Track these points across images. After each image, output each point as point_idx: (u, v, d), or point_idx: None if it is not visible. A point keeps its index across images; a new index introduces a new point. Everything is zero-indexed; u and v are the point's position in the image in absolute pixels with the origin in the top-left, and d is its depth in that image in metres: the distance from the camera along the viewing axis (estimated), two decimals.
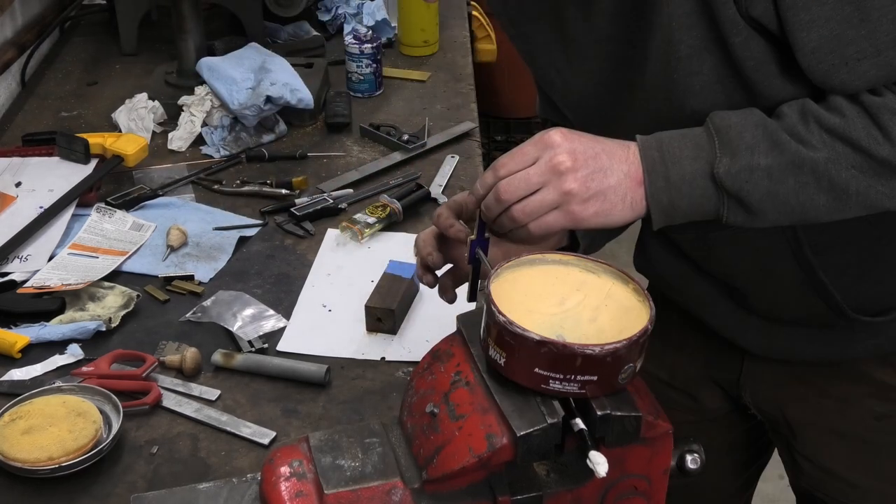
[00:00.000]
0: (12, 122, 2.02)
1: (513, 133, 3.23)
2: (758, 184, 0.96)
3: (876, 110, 0.95)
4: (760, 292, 1.21)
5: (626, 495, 0.93)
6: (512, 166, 0.99)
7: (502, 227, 1.01)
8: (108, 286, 1.48)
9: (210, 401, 1.28)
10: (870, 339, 1.20)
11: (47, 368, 1.33)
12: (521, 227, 0.99)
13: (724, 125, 0.98)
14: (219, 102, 1.91)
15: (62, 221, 1.62)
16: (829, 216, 0.99)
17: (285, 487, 0.90)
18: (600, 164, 0.98)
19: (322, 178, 1.80)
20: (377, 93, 2.14)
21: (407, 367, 1.34)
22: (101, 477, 1.17)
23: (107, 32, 2.43)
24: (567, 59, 1.14)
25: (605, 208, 0.98)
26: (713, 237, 1.17)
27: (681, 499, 1.11)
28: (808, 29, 0.93)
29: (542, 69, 1.20)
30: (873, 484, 1.30)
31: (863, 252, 1.14)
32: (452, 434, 0.88)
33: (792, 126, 0.97)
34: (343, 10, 2.45)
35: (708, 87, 1.01)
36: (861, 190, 0.96)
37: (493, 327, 0.88)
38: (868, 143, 0.95)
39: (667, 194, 0.98)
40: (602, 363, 0.85)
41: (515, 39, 1.22)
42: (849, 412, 1.27)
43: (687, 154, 0.98)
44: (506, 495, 0.89)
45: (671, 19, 0.98)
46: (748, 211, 0.98)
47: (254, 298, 1.46)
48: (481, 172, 1.81)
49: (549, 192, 0.97)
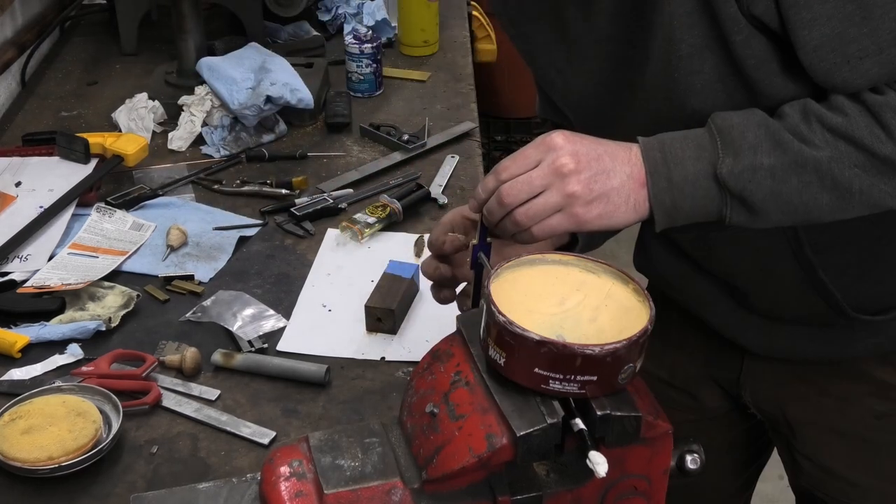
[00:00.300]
0: (12, 121, 2.02)
1: (513, 133, 3.22)
2: (761, 183, 0.96)
3: (878, 109, 0.95)
4: (761, 291, 1.21)
5: (625, 495, 0.93)
6: (514, 170, 0.98)
7: (505, 230, 1.01)
8: (108, 286, 1.48)
9: (210, 401, 1.28)
10: (870, 337, 1.20)
11: (47, 368, 1.33)
12: (524, 230, 0.99)
13: (726, 125, 0.97)
14: (219, 102, 1.91)
15: (62, 221, 1.62)
16: (832, 216, 0.99)
17: (285, 487, 0.90)
18: (603, 166, 0.97)
19: (322, 178, 1.80)
20: (377, 93, 2.15)
21: (407, 367, 1.34)
22: (100, 477, 1.17)
23: (107, 32, 2.43)
24: (567, 59, 1.14)
25: (608, 210, 0.98)
26: (714, 237, 1.17)
27: (680, 498, 1.11)
28: (809, 27, 0.93)
29: (542, 69, 1.20)
30: (873, 483, 1.30)
31: (863, 251, 1.14)
32: (452, 434, 0.88)
33: (794, 126, 0.97)
34: (343, 10, 2.45)
35: (709, 87, 1.01)
36: (864, 189, 0.96)
37: (493, 327, 0.88)
38: (871, 142, 0.95)
39: (669, 195, 0.98)
40: (602, 363, 0.85)
41: (515, 39, 1.22)
42: (849, 411, 1.27)
43: (689, 155, 0.98)
44: (506, 495, 0.89)
45: (672, 18, 0.98)
46: (751, 211, 0.98)
47: (254, 298, 1.46)
48: (481, 172, 1.82)
49: (552, 195, 0.97)
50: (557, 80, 1.18)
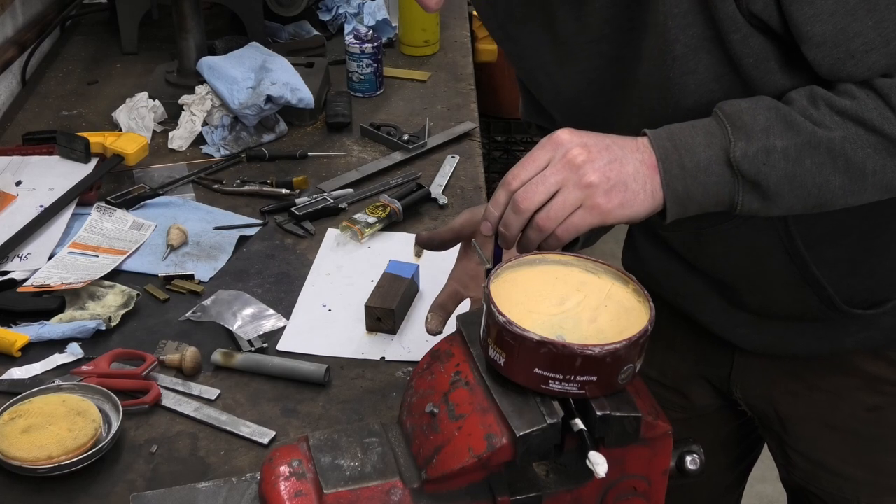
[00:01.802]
0: (13, 120, 2.02)
1: (513, 133, 3.22)
2: (775, 166, 0.95)
3: (888, 91, 0.94)
4: (752, 289, 1.21)
5: (625, 496, 0.93)
6: (525, 175, 0.96)
7: (528, 242, 0.97)
8: (108, 285, 1.48)
9: (210, 400, 1.28)
10: (861, 332, 1.20)
11: (47, 367, 1.33)
12: (548, 235, 0.96)
13: (734, 111, 0.96)
14: (219, 102, 1.91)
15: (62, 220, 1.62)
16: (845, 199, 0.98)
17: (285, 487, 0.90)
18: (614, 154, 0.96)
19: (322, 177, 1.80)
20: (378, 92, 2.14)
21: (407, 367, 1.34)
22: (100, 476, 1.17)
23: (107, 31, 2.43)
24: (558, 60, 1.13)
25: (628, 198, 0.95)
26: (705, 235, 1.16)
27: (673, 496, 1.11)
28: (812, 23, 0.93)
29: (530, 71, 1.19)
30: (866, 476, 1.30)
31: (855, 245, 1.14)
32: (452, 434, 0.88)
33: (804, 109, 0.96)
34: (344, 10, 2.45)
35: (704, 86, 1.01)
36: (878, 169, 0.95)
37: (493, 327, 0.88)
38: (882, 124, 0.94)
39: (682, 182, 0.96)
40: (602, 363, 0.85)
41: (503, 42, 1.20)
42: (840, 405, 1.27)
43: (699, 142, 0.96)
44: (505, 495, 0.89)
45: (667, 18, 0.98)
46: (764, 197, 0.96)
47: (254, 298, 1.46)
48: (481, 172, 1.82)
49: (570, 191, 0.94)
50: (546, 81, 1.17)
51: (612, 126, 1.01)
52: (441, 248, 1.24)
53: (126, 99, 1.98)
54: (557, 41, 1.11)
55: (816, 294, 1.16)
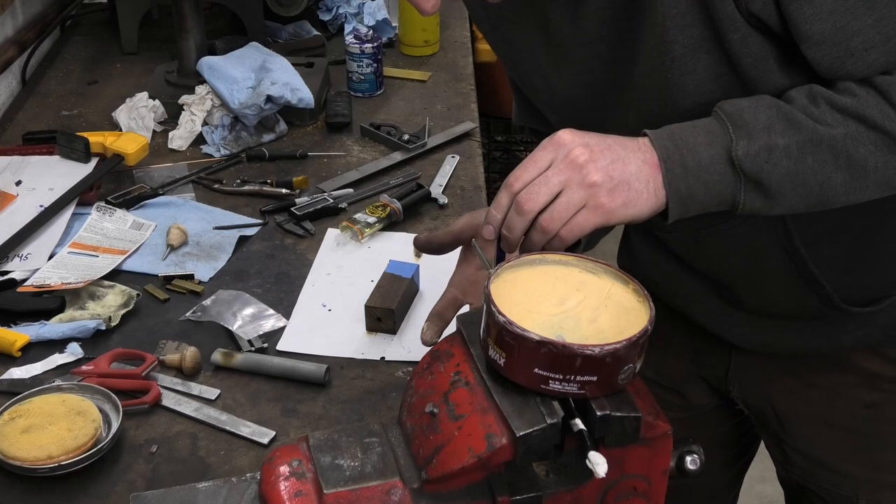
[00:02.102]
0: (13, 120, 2.02)
1: (513, 133, 3.22)
2: (777, 164, 0.95)
3: (888, 88, 0.94)
4: (750, 288, 1.21)
5: (625, 496, 0.93)
6: (527, 176, 0.96)
7: (532, 243, 0.97)
8: (108, 285, 1.48)
9: (210, 400, 1.28)
10: (859, 329, 1.20)
11: (47, 367, 1.33)
12: (552, 236, 0.96)
13: (735, 110, 0.96)
14: (219, 102, 1.91)
15: (62, 220, 1.62)
16: (847, 197, 0.98)
17: (284, 487, 0.90)
18: (616, 153, 0.96)
19: (322, 177, 1.80)
20: (378, 92, 2.14)
21: (407, 367, 1.34)
22: (100, 476, 1.17)
23: (107, 31, 2.43)
24: (553, 62, 1.13)
25: (632, 198, 0.95)
26: (703, 235, 1.16)
27: (671, 495, 1.11)
28: (811, 22, 0.93)
29: (524, 74, 1.19)
30: (864, 473, 1.30)
31: (852, 242, 1.14)
32: (452, 434, 0.88)
33: (804, 107, 0.96)
34: (344, 10, 2.45)
35: (702, 86, 1.00)
36: (879, 166, 0.95)
37: (493, 327, 0.88)
38: (882, 121, 0.94)
39: (685, 182, 0.96)
40: (602, 363, 0.85)
41: (497, 45, 1.20)
42: (838, 402, 1.27)
43: (701, 141, 0.96)
44: (505, 495, 0.89)
45: (665, 19, 0.98)
46: (766, 195, 0.96)
47: (254, 298, 1.46)
48: (481, 172, 1.82)
49: (573, 191, 0.94)
50: (541, 84, 1.17)
51: (609, 127, 1.01)
52: (439, 252, 1.24)
53: (126, 99, 1.98)
54: (552, 43, 1.11)
55: (814, 292, 1.16)
